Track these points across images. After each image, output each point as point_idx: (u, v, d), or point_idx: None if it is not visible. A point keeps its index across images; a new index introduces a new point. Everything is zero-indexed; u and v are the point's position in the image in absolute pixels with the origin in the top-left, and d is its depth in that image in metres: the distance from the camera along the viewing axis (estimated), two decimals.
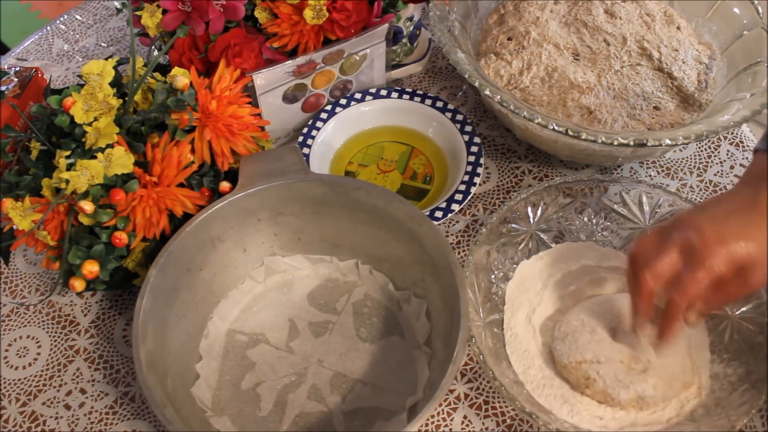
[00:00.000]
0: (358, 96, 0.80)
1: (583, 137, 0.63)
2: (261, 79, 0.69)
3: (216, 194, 0.65)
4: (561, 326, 0.60)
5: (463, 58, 0.70)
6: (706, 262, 0.50)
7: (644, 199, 0.67)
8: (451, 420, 0.61)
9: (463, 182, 0.71)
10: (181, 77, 0.62)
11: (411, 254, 0.63)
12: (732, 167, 0.76)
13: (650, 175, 0.76)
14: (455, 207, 0.69)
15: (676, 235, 0.52)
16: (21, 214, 0.58)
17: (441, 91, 0.85)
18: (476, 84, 0.67)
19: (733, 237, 0.50)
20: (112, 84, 0.61)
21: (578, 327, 0.59)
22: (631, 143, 0.62)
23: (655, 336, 0.55)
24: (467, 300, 0.55)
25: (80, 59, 0.94)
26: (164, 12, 0.67)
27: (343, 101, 0.79)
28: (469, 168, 0.72)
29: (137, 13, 0.68)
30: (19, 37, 1.01)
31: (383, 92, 0.80)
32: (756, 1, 0.74)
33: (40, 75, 0.80)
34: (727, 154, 0.77)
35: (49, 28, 0.99)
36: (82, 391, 0.64)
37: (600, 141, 0.63)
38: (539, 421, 0.53)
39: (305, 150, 0.75)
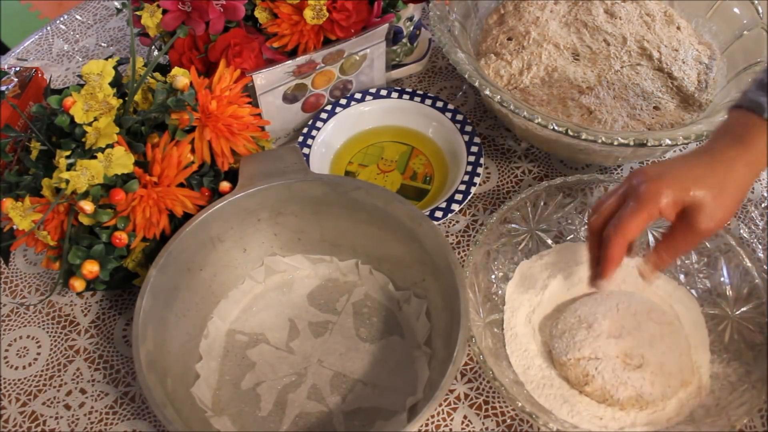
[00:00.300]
0: (358, 96, 0.80)
1: (583, 137, 0.63)
2: (261, 79, 0.69)
3: (216, 194, 0.65)
4: (558, 324, 0.61)
5: (463, 58, 0.70)
6: (642, 197, 0.51)
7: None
8: (451, 420, 0.61)
9: (463, 182, 0.71)
10: (181, 77, 0.62)
11: (411, 254, 0.63)
12: None
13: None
14: (455, 207, 0.69)
15: (625, 182, 0.53)
16: (21, 214, 0.58)
17: (441, 91, 0.85)
18: (476, 84, 0.67)
19: (675, 177, 0.50)
20: (112, 84, 0.61)
21: (575, 324, 0.59)
22: (631, 143, 0.62)
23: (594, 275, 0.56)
24: (467, 300, 0.55)
25: (80, 59, 0.94)
26: (164, 12, 0.67)
27: (343, 101, 0.79)
28: (469, 168, 0.72)
29: (137, 13, 0.68)
30: (19, 37, 1.01)
31: (383, 92, 0.80)
32: (756, 1, 0.74)
33: (40, 75, 0.80)
34: None
35: (49, 28, 0.99)
36: (82, 391, 0.64)
37: (600, 141, 0.63)
38: (539, 421, 0.53)
39: (305, 150, 0.75)
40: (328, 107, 0.79)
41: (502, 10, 0.84)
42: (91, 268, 0.59)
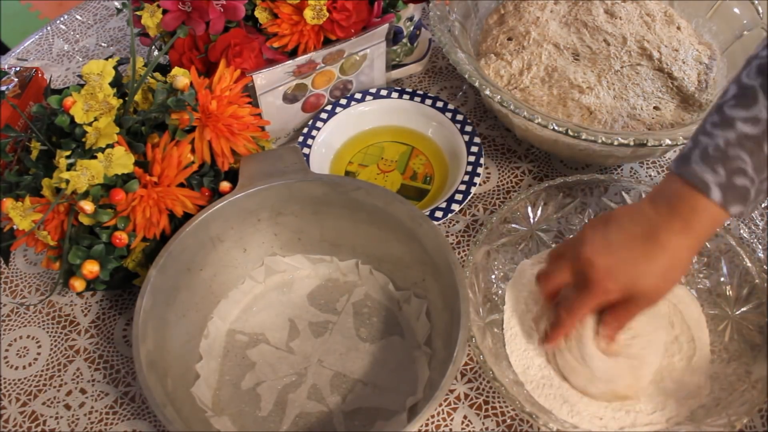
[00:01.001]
0: (358, 96, 0.80)
1: (583, 137, 0.63)
2: (261, 79, 0.69)
3: (216, 194, 0.65)
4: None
5: (463, 58, 0.70)
6: (591, 288, 0.54)
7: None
8: (451, 420, 0.61)
9: (463, 182, 0.71)
10: (181, 77, 0.62)
11: (411, 254, 0.63)
12: None
13: (650, 175, 0.76)
14: (455, 207, 0.69)
15: (572, 262, 0.57)
16: (21, 214, 0.58)
17: (441, 91, 0.85)
18: (476, 84, 0.67)
19: (622, 272, 0.53)
20: (112, 84, 0.61)
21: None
22: (631, 143, 0.62)
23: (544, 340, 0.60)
24: (467, 300, 0.55)
25: (80, 59, 0.94)
26: (164, 12, 0.67)
27: (343, 101, 0.79)
28: (469, 168, 0.72)
29: (137, 13, 0.68)
30: (19, 37, 1.01)
31: (383, 92, 0.80)
32: (756, 1, 0.74)
33: (40, 75, 0.80)
34: None
35: (49, 28, 0.99)
36: (82, 391, 0.64)
37: (600, 141, 0.63)
38: (539, 421, 0.53)
39: (305, 150, 0.75)
40: (328, 107, 0.79)
41: (502, 10, 0.84)
42: (91, 268, 0.59)
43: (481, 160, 0.72)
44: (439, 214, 0.69)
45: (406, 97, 0.79)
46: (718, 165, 0.48)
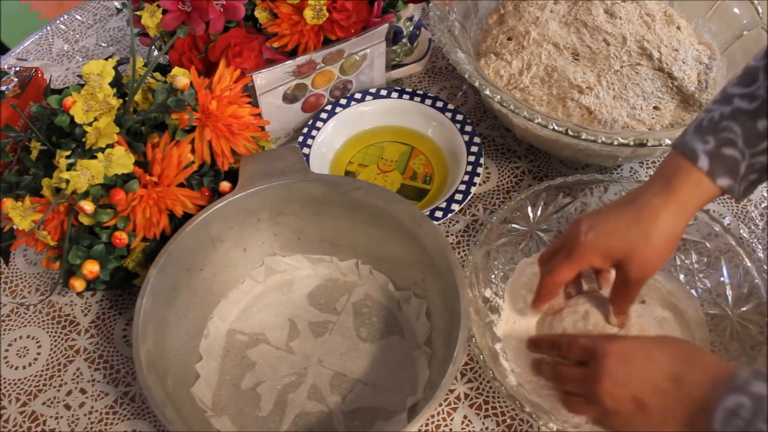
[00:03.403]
0: (358, 96, 0.80)
1: (583, 137, 0.63)
2: (261, 79, 0.69)
3: (216, 194, 0.65)
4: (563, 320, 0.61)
5: (463, 58, 0.70)
6: (572, 250, 0.54)
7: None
8: (451, 420, 0.61)
9: (463, 182, 0.71)
10: (181, 77, 0.62)
11: (411, 254, 0.63)
12: None
13: (650, 175, 0.76)
14: (455, 207, 0.69)
15: (565, 231, 0.57)
16: (21, 214, 0.58)
17: (441, 91, 0.85)
18: (476, 84, 0.67)
19: (602, 231, 0.53)
20: (112, 84, 0.61)
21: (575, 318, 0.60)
22: (631, 143, 0.62)
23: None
24: (467, 300, 0.55)
25: (80, 59, 0.94)
26: (164, 12, 0.67)
27: (343, 101, 0.79)
28: (469, 168, 0.72)
29: (137, 13, 0.68)
30: (19, 37, 1.01)
31: (383, 92, 0.80)
32: (756, 1, 0.74)
33: (40, 75, 0.80)
34: None
35: (49, 28, 0.99)
36: (82, 391, 0.64)
37: (600, 141, 0.63)
38: (539, 421, 0.53)
39: (305, 150, 0.75)
40: (328, 107, 0.79)
41: (502, 10, 0.84)
42: (91, 268, 0.59)
43: (481, 160, 0.72)
44: (439, 214, 0.69)
45: (406, 97, 0.79)
46: (709, 135, 0.49)
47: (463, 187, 0.70)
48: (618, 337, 0.53)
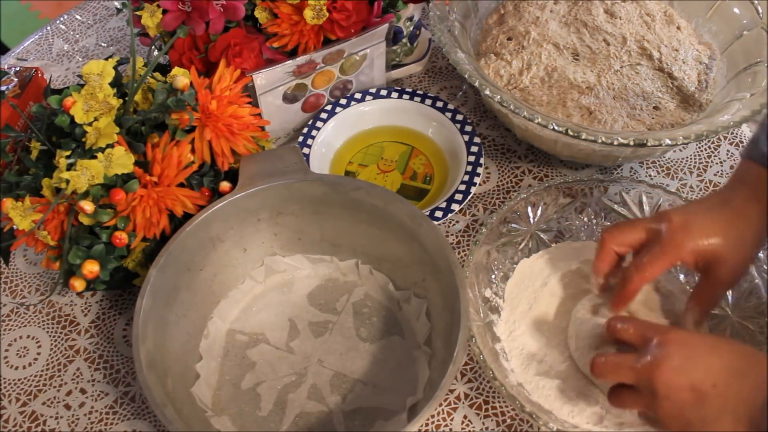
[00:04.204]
0: (358, 96, 0.80)
1: (583, 137, 0.63)
2: (261, 79, 0.69)
3: (216, 194, 0.65)
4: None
5: (463, 58, 0.70)
6: (665, 243, 0.52)
7: (644, 199, 0.67)
8: (451, 420, 0.61)
9: (463, 182, 0.71)
10: (181, 77, 0.62)
11: (411, 254, 0.63)
12: (732, 167, 0.76)
13: (650, 175, 0.76)
14: (455, 207, 0.69)
15: (647, 221, 0.55)
16: (21, 214, 0.58)
17: (441, 91, 0.85)
18: (476, 84, 0.67)
19: (698, 229, 0.52)
20: (112, 84, 0.61)
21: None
22: (631, 143, 0.62)
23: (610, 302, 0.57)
24: (467, 300, 0.55)
25: (80, 59, 0.94)
26: (164, 12, 0.67)
27: (343, 101, 0.79)
28: (469, 168, 0.72)
29: (137, 13, 0.68)
30: (19, 37, 1.01)
31: (383, 92, 0.80)
32: (756, 1, 0.74)
33: (40, 75, 0.80)
34: (727, 154, 0.77)
35: (49, 28, 0.99)
36: (82, 391, 0.64)
37: (600, 141, 0.63)
38: (539, 421, 0.53)
39: (305, 150, 0.75)
40: (328, 107, 0.79)
41: (502, 10, 0.84)
42: (91, 268, 0.59)
43: (481, 160, 0.72)
44: (439, 214, 0.69)
45: (406, 97, 0.79)
46: None
47: (463, 187, 0.70)
48: (676, 327, 0.52)
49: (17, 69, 0.79)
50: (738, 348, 0.48)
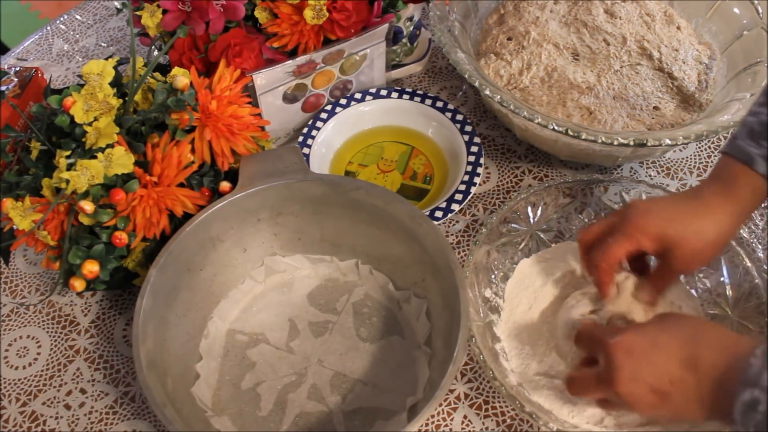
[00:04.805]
0: (358, 96, 0.80)
1: (583, 137, 0.63)
2: (261, 79, 0.69)
3: (216, 194, 0.65)
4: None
5: (463, 58, 0.70)
6: (626, 229, 0.53)
7: (644, 198, 0.67)
8: (451, 420, 0.61)
9: (463, 182, 0.71)
10: (181, 77, 0.62)
11: (411, 254, 0.63)
12: None
13: (650, 175, 0.76)
14: (455, 207, 0.69)
15: (616, 211, 0.57)
16: (21, 214, 0.58)
17: (441, 91, 0.85)
18: (476, 84, 0.67)
19: (659, 215, 0.53)
20: (112, 84, 0.61)
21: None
22: (631, 143, 0.62)
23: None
24: (467, 300, 0.55)
25: (80, 59, 0.94)
26: (164, 12, 0.67)
27: (343, 101, 0.79)
28: (469, 168, 0.72)
29: (137, 13, 0.68)
30: (19, 37, 1.01)
31: (383, 92, 0.80)
32: (756, 1, 0.74)
33: (40, 75, 0.80)
34: None
35: (49, 28, 0.99)
36: (82, 391, 0.64)
37: (600, 141, 0.63)
38: (539, 421, 0.53)
39: (305, 150, 0.75)
40: (328, 107, 0.79)
41: (502, 10, 0.84)
42: (91, 268, 0.59)
43: (481, 160, 0.72)
44: (439, 214, 0.69)
45: (406, 97, 0.79)
46: (762, 139, 0.50)
47: (463, 187, 0.70)
48: (621, 329, 0.53)
49: (17, 69, 0.79)
50: (682, 331, 0.48)
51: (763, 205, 0.72)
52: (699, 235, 0.52)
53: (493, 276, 0.64)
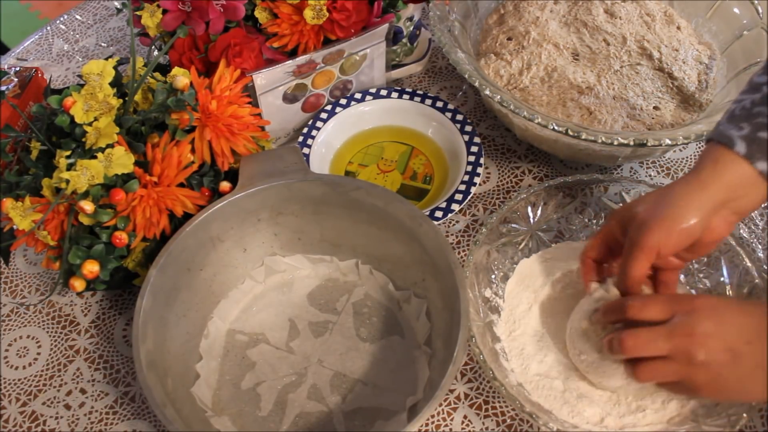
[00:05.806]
0: (358, 96, 0.80)
1: (583, 137, 0.63)
2: (261, 79, 0.69)
3: (216, 194, 0.65)
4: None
5: (463, 58, 0.70)
6: (639, 241, 0.52)
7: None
8: (451, 420, 0.61)
9: (463, 182, 0.71)
10: (181, 77, 0.62)
11: (411, 254, 0.63)
12: None
13: (650, 175, 0.76)
14: (455, 207, 0.69)
15: (612, 218, 0.57)
16: (21, 214, 0.58)
17: (441, 91, 0.85)
18: (476, 84, 0.67)
19: (630, 203, 0.55)
20: (112, 84, 0.61)
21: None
22: (631, 143, 0.62)
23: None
24: (467, 300, 0.55)
25: (80, 59, 0.94)
26: (164, 12, 0.67)
27: (343, 101, 0.79)
28: (469, 168, 0.72)
29: (137, 13, 0.68)
30: (19, 37, 1.01)
31: (383, 92, 0.80)
32: (756, 1, 0.74)
33: (40, 75, 0.80)
34: None
35: (49, 28, 0.99)
36: (82, 391, 0.64)
37: (600, 141, 0.63)
38: (539, 421, 0.53)
39: (305, 150, 0.75)
40: (328, 107, 0.79)
41: (502, 10, 0.84)
42: (91, 268, 0.59)
43: (481, 160, 0.72)
44: (439, 214, 0.69)
45: (406, 97, 0.79)
46: (743, 122, 0.50)
47: (463, 187, 0.70)
48: (702, 295, 0.52)
49: (17, 69, 0.79)
50: (764, 308, 0.48)
51: (762, 205, 0.72)
52: (668, 219, 0.51)
53: (493, 276, 0.64)
